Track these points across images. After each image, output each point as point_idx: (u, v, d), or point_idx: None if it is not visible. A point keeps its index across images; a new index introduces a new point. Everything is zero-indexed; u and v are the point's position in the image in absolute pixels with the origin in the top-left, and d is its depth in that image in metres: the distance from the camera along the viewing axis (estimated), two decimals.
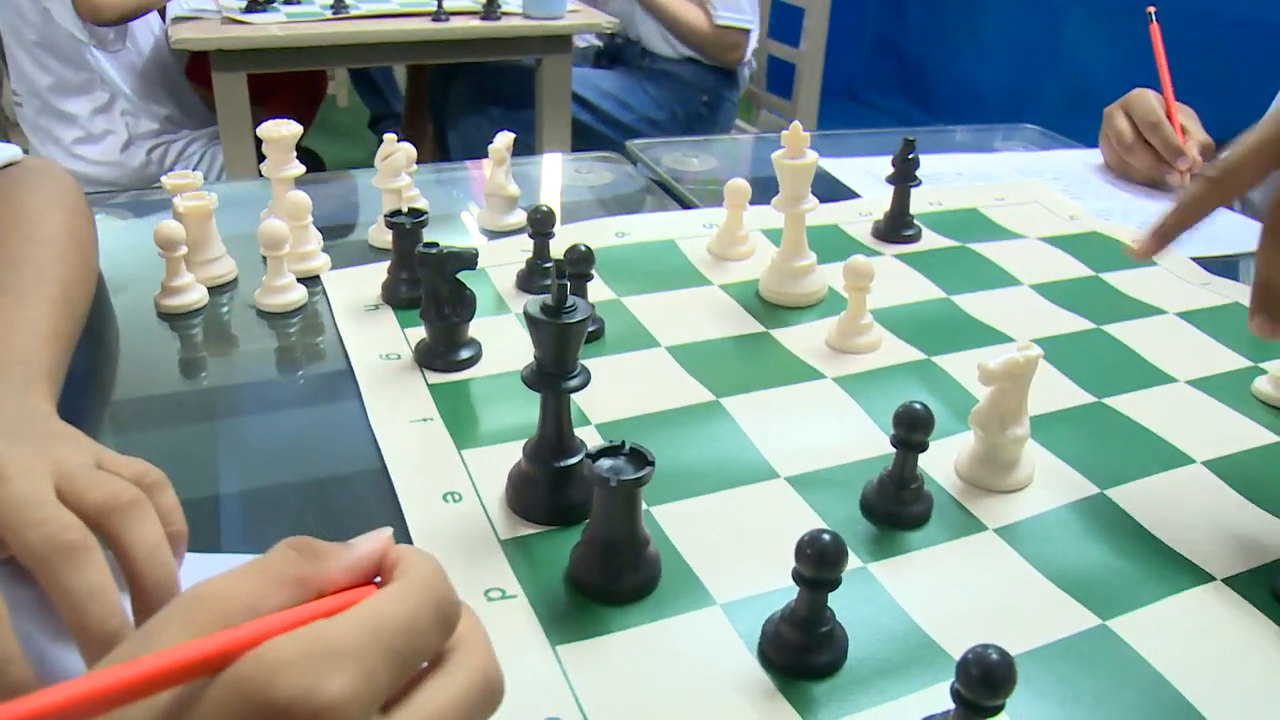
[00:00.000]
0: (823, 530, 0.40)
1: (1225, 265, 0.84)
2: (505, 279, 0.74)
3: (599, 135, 2.23)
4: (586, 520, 0.47)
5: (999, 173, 1.06)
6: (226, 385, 0.64)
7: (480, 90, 2.32)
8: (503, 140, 0.83)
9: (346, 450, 0.56)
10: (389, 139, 0.78)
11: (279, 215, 0.74)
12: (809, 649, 0.41)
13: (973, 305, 0.74)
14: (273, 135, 0.75)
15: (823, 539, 0.39)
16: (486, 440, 0.56)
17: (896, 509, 0.50)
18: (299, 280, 0.72)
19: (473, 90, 2.33)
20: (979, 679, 0.33)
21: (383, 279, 0.71)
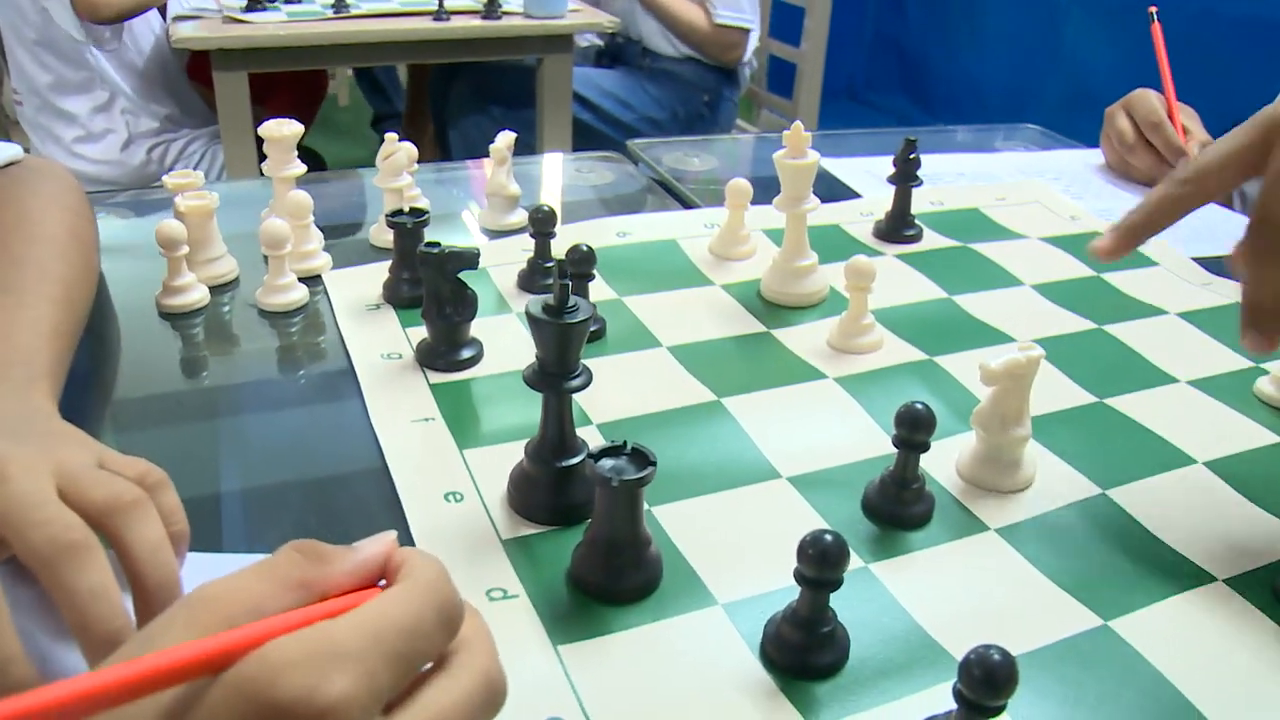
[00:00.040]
0: (825, 530, 0.40)
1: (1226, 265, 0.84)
2: (506, 279, 0.74)
3: (600, 135, 2.23)
4: (588, 520, 0.47)
5: (1000, 173, 1.06)
6: (228, 385, 0.64)
7: (481, 90, 2.32)
8: (504, 140, 0.83)
9: (348, 450, 0.56)
10: (390, 138, 0.78)
11: (280, 215, 0.74)
12: (811, 649, 0.41)
13: (974, 305, 0.74)
14: (274, 135, 0.75)
15: (825, 539, 0.39)
16: (488, 440, 0.56)
17: (898, 509, 0.50)
18: (300, 280, 0.72)
19: (474, 90, 2.33)
20: (981, 679, 0.33)
21: (384, 278, 0.71)
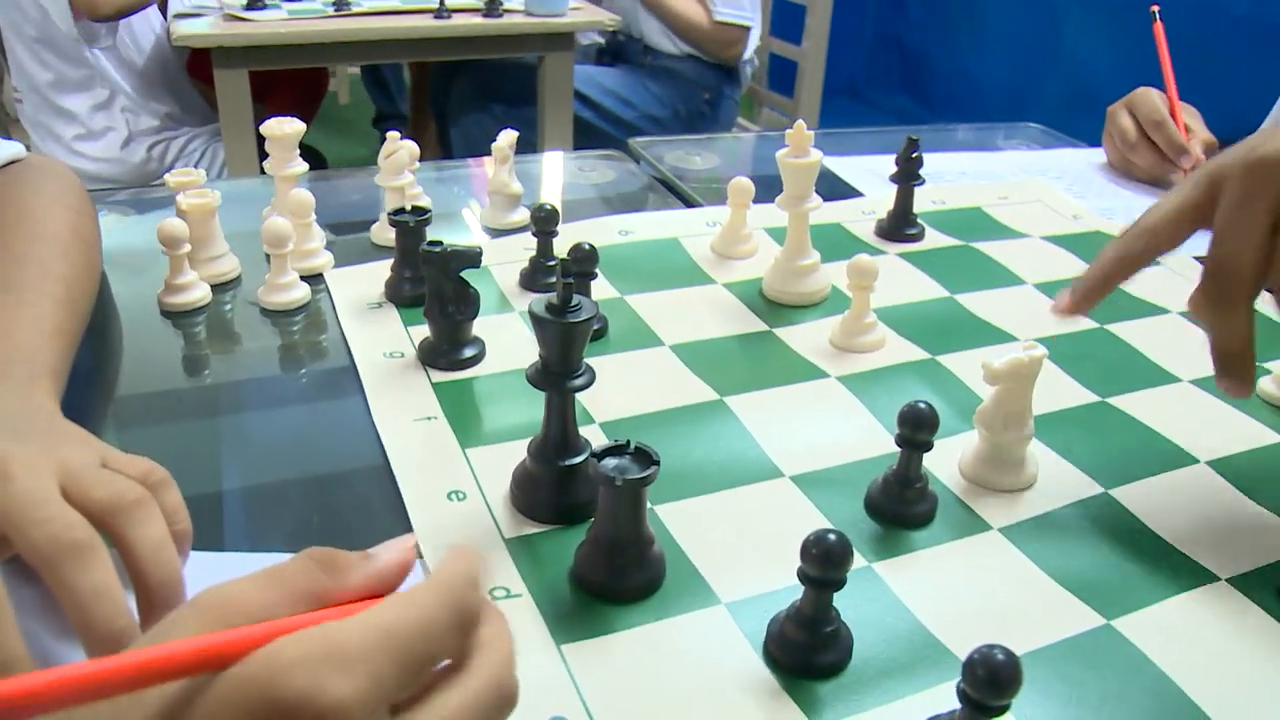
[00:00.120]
0: (828, 530, 0.39)
1: None
2: (508, 277, 0.74)
3: (601, 133, 2.23)
4: (591, 519, 0.46)
5: (1002, 171, 1.06)
6: (230, 383, 0.64)
7: (482, 88, 2.32)
8: (505, 138, 0.83)
9: (350, 448, 0.56)
10: (392, 136, 0.77)
11: (282, 213, 0.74)
12: (814, 648, 0.41)
13: (976, 304, 0.74)
14: (276, 133, 0.75)
15: (828, 538, 0.39)
16: (491, 439, 0.56)
17: (901, 508, 0.50)
18: (302, 278, 0.72)
19: (475, 88, 2.33)
20: (985, 679, 0.33)
21: (386, 277, 0.71)
